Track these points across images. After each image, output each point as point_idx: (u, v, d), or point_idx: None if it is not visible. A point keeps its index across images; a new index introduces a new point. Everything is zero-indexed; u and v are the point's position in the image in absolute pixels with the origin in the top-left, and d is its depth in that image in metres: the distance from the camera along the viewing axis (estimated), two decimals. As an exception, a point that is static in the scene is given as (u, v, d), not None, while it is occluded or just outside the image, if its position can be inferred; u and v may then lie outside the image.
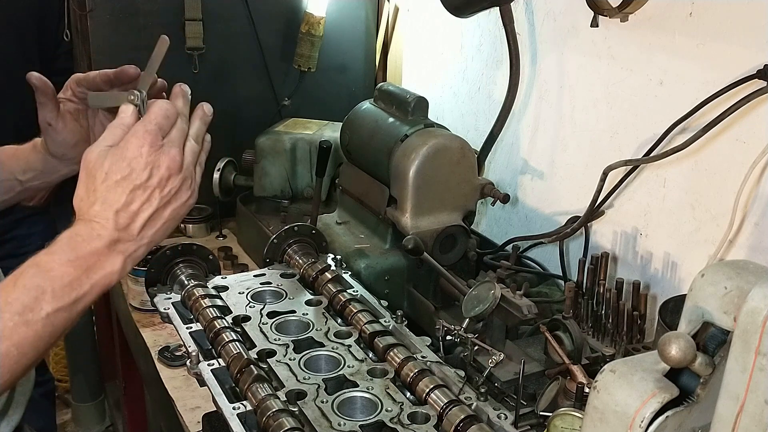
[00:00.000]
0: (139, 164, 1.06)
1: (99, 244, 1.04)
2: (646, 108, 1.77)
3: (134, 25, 2.35)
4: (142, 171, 1.06)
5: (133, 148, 1.06)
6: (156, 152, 1.08)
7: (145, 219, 1.07)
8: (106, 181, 1.05)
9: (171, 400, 1.73)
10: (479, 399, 1.25)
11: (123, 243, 1.06)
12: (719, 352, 0.83)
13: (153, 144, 1.07)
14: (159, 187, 1.08)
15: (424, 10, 2.61)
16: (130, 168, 1.06)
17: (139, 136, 1.07)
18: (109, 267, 1.05)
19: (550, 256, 2.07)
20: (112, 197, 1.05)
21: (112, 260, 1.05)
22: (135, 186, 1.06)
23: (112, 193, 1.05)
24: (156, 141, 1.08)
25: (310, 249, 1.75)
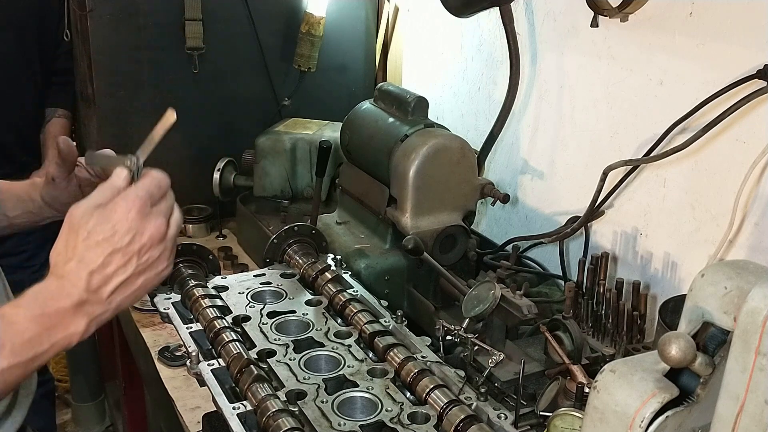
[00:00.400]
0: (122, 228, 1.05)
1: (66, 304, 1.02)
2: (646, 108, 1.77)
3: (134, 25, 2.35)
4: (124, 235, 1.05)
5: (120, 211, 1.06)
6: (142, 219, 1.07)
7: (118, 284, 1.06)
8: (87, 240, 1.04)
9: (171, 400, 1.73)
10: (479, 399, 1.25)
11: (90, 305, 1.04)
12: (719, 352, 0.83)
13: (141, 211, 1.07)
14: (138, 254, 1.07)
15: (424, 10, 2.61)
16: (114, 230, 1.05)
17: (128, 200, 1.07)
18: (72, 328, 1.03)
19: (550, 256, 2.07)
20: (90, 257, 1.04)
21: (77, 321, 1.03)
22: (114, 249, 1.05)
23: (90, 253, 1.04)
24: (144, 208, 1.08)
25: (310, 249, 1.75)
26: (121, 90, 2.40)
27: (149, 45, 2.39)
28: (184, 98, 2.47)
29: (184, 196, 2.59)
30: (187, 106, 2.49)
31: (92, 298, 1.04)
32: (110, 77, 2.38)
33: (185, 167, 2.54)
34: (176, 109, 2.63)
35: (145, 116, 2.45)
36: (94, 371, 3.39)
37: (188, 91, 2.47)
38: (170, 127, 1.30)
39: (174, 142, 2.50)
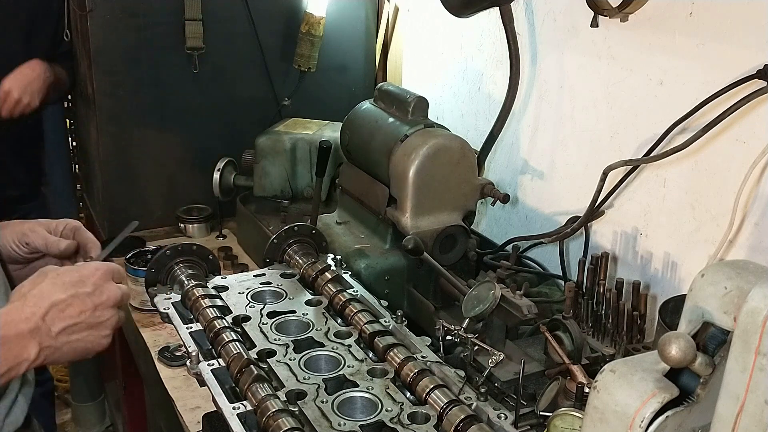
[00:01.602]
0: (89, 280, 1.20)
1: (25, 327, 1.11)
2: (646, 108, 1.77)
3: (134, 25, 2.35)
4: (89, 285, 1.19)
5: (90, 269, 1.22)
6: (106, 281, 1.23)
7: (69, 325, 1.16)
8: (54, 279, 1.17)
9: (171, 400, 1.73)
10: (479, 399, 1.25)
11: (42, 334, 1.13)
12: (719, 352, 0.83)
13: (106, 274, 1.23)
14: (93, 308, 1.19)
15: (424, 10, 2.61)
16: (81, 279, 1.19)
17: (98, 264, 1.25)
18: (26, 354, 1.11)
19: (550, 256, 2.07)
20: (54, 292, 1.15)
21: (30, 347, 1.11)
22: (78, 293, 1.17)
23: (55, 289, 1.16)
24: (109, 275, 1.24)
25: (310, 249, 1.75)
26: (121, 90, 2.40)
27: (149, 45, 2.39)
28: (184, 98, 2.47)
29: (184, 196, 2.62)
30: (187, 106, 2.49)
31: (44, 328, 1.13)
32: (110, 77, 2.38)
33: (185, 167, 2.54)
34: (176, 109, 2.64)
35: (145, 116, 2.45)
36: (94, 371, 3.40)
37: (188, 91, 2.47)
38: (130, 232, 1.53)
39: (174, 142, 2.51)
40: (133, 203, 2.47)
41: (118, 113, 2.42)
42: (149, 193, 2.53)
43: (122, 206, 2.48)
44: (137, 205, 2.48)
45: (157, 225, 2.52)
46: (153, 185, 2.53)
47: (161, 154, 2.51)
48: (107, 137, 2.43)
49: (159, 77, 2.43)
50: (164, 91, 2.45)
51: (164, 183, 2.54)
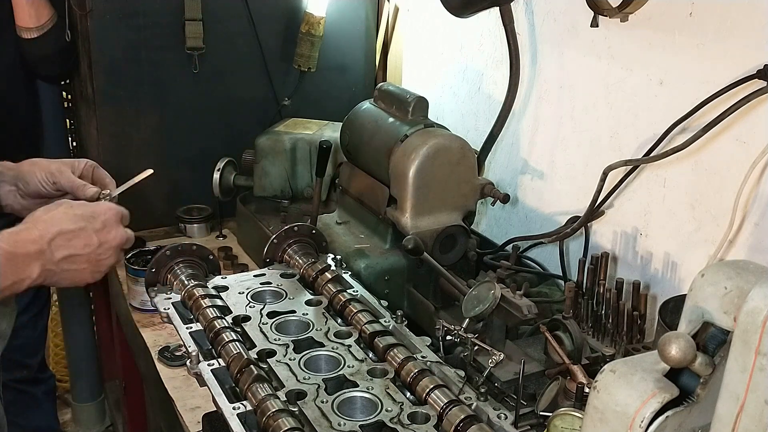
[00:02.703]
0: (100, 217, 1.27)
1: (32, 249, 1.18)
2: (646, 108, 1.77)
3: (134, 25, 2.35)
4: (98, 222, 1.26)
5: (102, 207, 1.30)
6: (114, 223, 1.30)
7: (71, 254, 1.22)
8: (68, 210, 1.25)
9: (171, 400, 1.73)
10: (479, 399, 1.25)
11: (46, 257, 1.19)
12: (719, 352, 0.83)
13: (116, 215, 1.31)
14: (99, 245, 1.26)
15: (424, 10, 2.61)
16: (92, 215, 1.26)
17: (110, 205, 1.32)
18: (28, 272, 1.18)
19: (550, 256, 2.07)
20: (64, 221, 1.22)
21: (33, 267, 1.18)
22: (86, 227, 1.24)
23: (67, 218, 1.24)
24: (118, 217, 1.32)
25: (310, 249, 1.75)
26: (121, 90, 2.40)
27: (149, 45, 2.39)
28: (184, 98, 2.47)
29: (184, 196, 2.62)
30: (187, 106, 2.49)
31: (48, 253, 1.20)
32: (110, 77, 2.38)
33: (185, 167, 2.54)
34: (176, 109, 2.64)
35: (145, 116, 2.45)
36: (94, 371, 3.40)
37: (188, 91, 2.47)
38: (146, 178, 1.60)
39: (174, 142, 2.51)
40: (133, 203, 2.47)
41: (118, 113, 2.42)
42: (149, 193, 2.53)
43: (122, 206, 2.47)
44: (137, 204, 2.47)
45: (157, 225, 2.52)
46: (153, 185, 2.52)
47: (161, 154, 2.51)
48: (107, 137, 2.43)
49: (159, 77, 2.43)
50: (164, 91, 2.45)
51: (164, 183, 2.54)
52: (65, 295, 3.24)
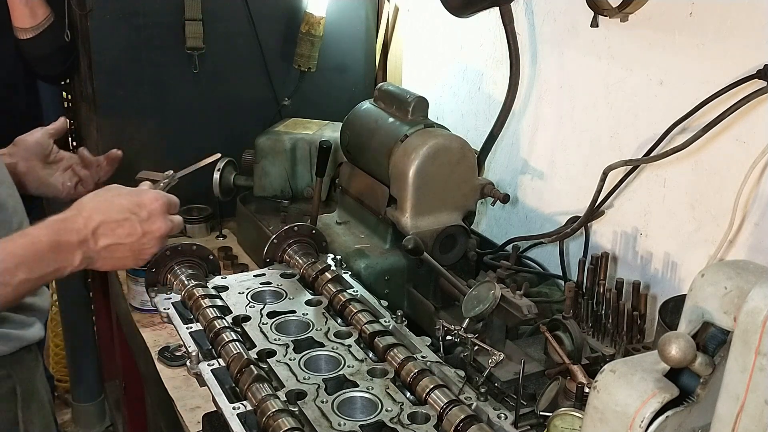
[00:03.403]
0: (147, 207, 1.26)
1: (75, 238, 1.16)
2: (646, 108, 1.77)
3: (134, 25, 2.35)
4: (144, 212, 1.25)
5: (150, 196, 1.29)
6: (161, 213, 1.28)
7: (113, 243, 1.22)
8: (114, 198, 1.24)
9: (171, 400, 1.73)
10: (479, 399, 1.25)
11: (88, 245, 1.18)
12: (719, 352, 0.83)
13: (164, 206, 1.30)
14: (142, 234, 1.25)
15: (424, 10, 2.61)
16: (139, 204, 1.25)
17: (158, 194, 1.30)
18: (70, 260, 1.18)
19: (550, 256, 2.07)
20: (110, 210, 1.21)
21: (75, 255, 1.18)
22: (131, 217, 1.23)
23: (113, 207, 1.21)
24: (165, 207, 1.30)
25: (310, 249, 1.75)
26: (121, 90, 2.40)
27: (149, 45, 2.38)
28: (184, 98, 2.47)
29: (184, 196, 2.60)
30: (187, 106, 2.49)
31: (91, 242, 1.19)
32: (110, 77, 2.38)
33: (185, 167, 2.53)
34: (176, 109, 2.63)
35: (145, 116, 2.45)
36: (94, 371, 3.40)
37: (188, 91, 2.47)
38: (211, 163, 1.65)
39: (174, 142, 2.51)
40: (133, 203, 2.47)
41: (118, 113, 2.41)
42: (149, 193, 2.53)
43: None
44: (137, 205, 2.48)
45: (157, 225, 2.52)
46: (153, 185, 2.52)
47: (161, 154, 2.50)
48: (107, 137, 2.43)
49: (159, 77, 2.43)
50: (164, 91, 2.45)
51: (164, 183, 2.54)
52: (65, 295, 3.24)
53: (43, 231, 1.14)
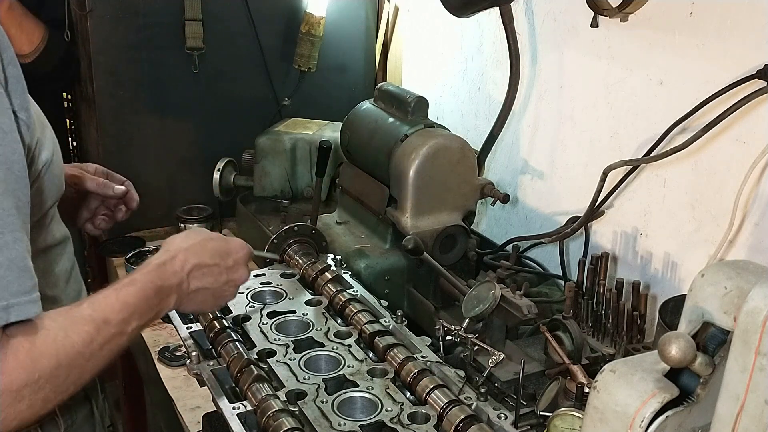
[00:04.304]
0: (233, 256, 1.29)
1: (174, 281, 1.18)
2: (646, 108, 1.77)
3: (134, 25, 2.35)
4: (231, 260, 1.28)
5: (236, 244, 1.32)
6: (243, 263, 1.32)
7: (201, 287, 1.24)
8: (207, 243, 1.26)
9: (171, 400, 1.73)
10: (479, 399, 1.25)
11: (182, 288, 1.20)
12: (719, 352, 0.83)
13: (246, 256, 1.33)
14: (226, 283, 1.28)
15: (424, 10, 2.61)
16: (227, 252, 1.28)
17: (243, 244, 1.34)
18: (168, 303, 1.18)
19: (550, 256, 2.07)
20: (203, 252, 1.24)
21: (172, 298, 1.19)
22: (219, 263, 1.26)
23: (205, 252, 1.24)
24: (248, 258, 1.34)
25: (310, 249, 1.75)
26: (121, 90, 2.40)
27: (149, 45, 2.39)
28: (184, 98, 2.47)
29: (184, 196, 2.62)
30: (187, 106, 2.49)
31: (185, 285, 1.20)
32: (110, 77, 2.38)
33: (185, 167, 2.54)
34: (176, 109, 2.63)
35: (145, 116, 2.45)
36: (94, 371, 3.38)
37: (188, 91, 2.47)
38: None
39: (174, 142, 2.51)
40: (133, 203, 2.47)
41: (118, 113, 2.41)
42: (149, 193, 2.52)
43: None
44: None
45: (157, 225, 2.52)
46: (153, 185, 2.53)
47: (161, 154, 2.51)
48: (107, 137, 2.43)
49: (159, 77, 2.43)
50: (164, 91, 2.45)
51: (164, 183, 2.54)
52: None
53: (148, 277, 1.14)
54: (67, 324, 0.99)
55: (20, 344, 0.91)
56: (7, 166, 0.92)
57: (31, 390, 0.92)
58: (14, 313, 0.90)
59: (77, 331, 0.99)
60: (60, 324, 0.98)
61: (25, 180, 0.97)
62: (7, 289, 0.89)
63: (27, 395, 0.92)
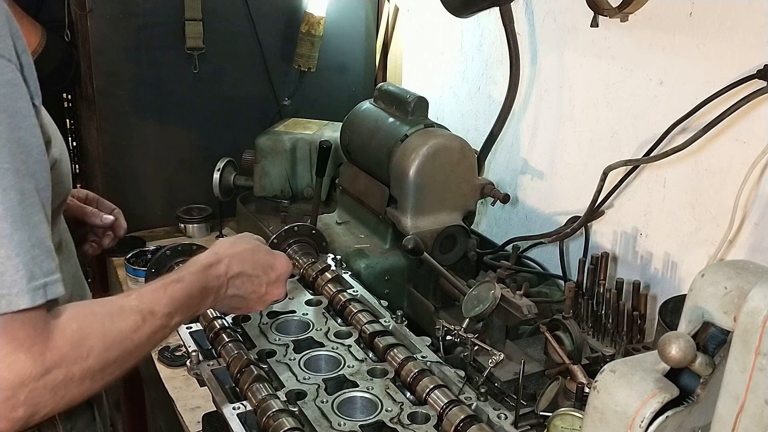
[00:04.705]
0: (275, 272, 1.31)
1: (216, 284, 1.20)
2: (646, 108, 1.77)
3: (134, 25, 2.35)
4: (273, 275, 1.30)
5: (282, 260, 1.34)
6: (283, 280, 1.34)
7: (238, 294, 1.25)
8: (254, 253, 1.28)
9: (171, 400, 1.73)
10: (479, 399, 1.25)
11: (220, 292, 1.22)
12: (719, 352, 0.83)
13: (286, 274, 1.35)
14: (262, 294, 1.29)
15: (424, 10, 2.61)
16: (271, 266, 1.30)
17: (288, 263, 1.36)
18: (207, 303, 1.20)
19: (550, 256, 2.07)
20: (249, 262, 1.26)
21: (211, 299, 1.20)
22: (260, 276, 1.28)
23: (250, 261, 1.27)
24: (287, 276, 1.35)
25: (310, 249, 1.75)
26: (121, 90, 2.40)
27: (149, 45, 2.39)
28: (184, 98, 2.47)
29: (184, 196, 2.62)
30: (187, 106, 2.49)
31: (223, 290, 1.22)
32: (110, 77, 2.38)
33: (185, 167, 2.54)
34: (176, 109, 2.64)
35: (145, 116, 2.45)
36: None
37: (188, 91, 2.47)
38: None
39: (174, 142, 2.51)
40: (133, 203, 2.47)
41: (118, 113, 2.41)
42: (149, 193, 2.53)
43: (122, 206, 2.45)
44: (137, 205, 2.48)
45: (157, 225, 2.53)
46: (153, 185, 2.53)
47: (161, 154, 2.51)
48: (107, 137, 2.43)
49: (159, 77, 2.43)
50: (164, 91, 2.45)
51: (164, 183, 2.54)
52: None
53: (195, 277, 1.16)
54: (114, 311, 1.02)
55: (67, 324, 0.93)
56: (28, 149, 0.93)
57: (80, 369, 0.93)
58: (50, 292, 0.91)
59: (124, 318, 1.02)
60: (108, 310, 1.01)
61: (45, 164, 0.97)
62: (40, 268, 0.91)
63: (77, 373, 0.93)
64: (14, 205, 0.88)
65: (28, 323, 0.89)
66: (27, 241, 0.89)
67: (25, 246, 0.89)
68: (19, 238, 0.88)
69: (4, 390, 0.87)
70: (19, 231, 0.88)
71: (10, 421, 0.89)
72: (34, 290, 0.89)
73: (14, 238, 0.88)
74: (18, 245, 0.88)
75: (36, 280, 0.89)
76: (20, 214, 0.89)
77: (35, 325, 0.89)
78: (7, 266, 0.87)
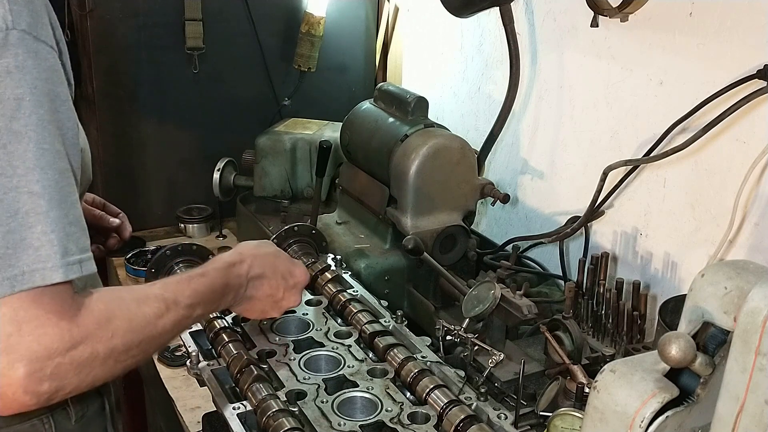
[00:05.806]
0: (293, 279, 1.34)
1: (237, 282, 1.23)
2: (646, 108, 1.77)
3: (134, 25, 2.35)
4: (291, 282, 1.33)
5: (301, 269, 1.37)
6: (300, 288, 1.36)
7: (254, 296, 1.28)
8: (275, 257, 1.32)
9: (171, 400, 1.73)
10: (479, 399, 1.25)
11: (239, 291, 1.24)
12: (719, 352, 0.83)
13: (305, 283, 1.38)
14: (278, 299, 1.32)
15: (424, 10, 2.61)
16: (290, 272, 1.33)
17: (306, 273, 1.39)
18: (227, 301, 1.23)
19: (550, 256, 2.07)
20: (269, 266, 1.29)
21: (230, 297, 1.23)
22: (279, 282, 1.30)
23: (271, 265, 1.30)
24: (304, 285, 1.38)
25: (310, 249, 1.75)
26: (121, 90, 2.40)
27: (149, 45, 2.39)
28: (184, 98, 2.47)
29: (184, 196, 2.62)
30: (187, 106, 2.49)
31: (244, 288, 1.25)
32: (110, 77, 2.38)
33: (185, 167, 2.54)
34: (176, 109, 2.64)
35: (145, 116, 2.45)
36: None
37: (188, 91, 2.47)
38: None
39: (174, 142, 2.51)
40: (133, 203, 2.47)
41: (118, 113, 2.42)
42: (149, 192, 2.53)
43: (122, 206, 2.47)
44: (137, 205, 2.48)
45: (157, 225, 2.53)
46: (153, 185, 2.53)
47: (161, 154, 2.51)
48: (107, 137, 2.43)
49: (159, 77, 2.43)
50: (164, 91, 2.45)
51: (164, 183, 2.54)
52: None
53: (218, 273, 1.19)
54: (140, 297, 1.04)
55: (95, 304, 0.95)
56: (64, 132, 0.96)
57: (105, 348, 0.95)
58: (85, 268, 0.94)
59: (149, 304, 1.04)
60: (134, 296, 1.04)
61: (78, 148, 1.00)
62: (76, 244, 0.93)
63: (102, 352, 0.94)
64: (52, 183, 0.91)
65: (57, 298, 0.91)
66: (64, 218, 0.92)
67: (62, 223, 0.92)
68: (56, 215, 0.91)
69: (32, 362, 0.88)
70: (55, 208, 0.91)
71: (36, 394, 0.90)
72: (68, 265, 0.91)
73: (50, 215, 0.91)
74: (54, 222, 0.91)
75: (70, 256, 0.92)
76: (58, 193, 0.92)
77: (64, 300, 0.92)
78: (43, 241, 0.90)
